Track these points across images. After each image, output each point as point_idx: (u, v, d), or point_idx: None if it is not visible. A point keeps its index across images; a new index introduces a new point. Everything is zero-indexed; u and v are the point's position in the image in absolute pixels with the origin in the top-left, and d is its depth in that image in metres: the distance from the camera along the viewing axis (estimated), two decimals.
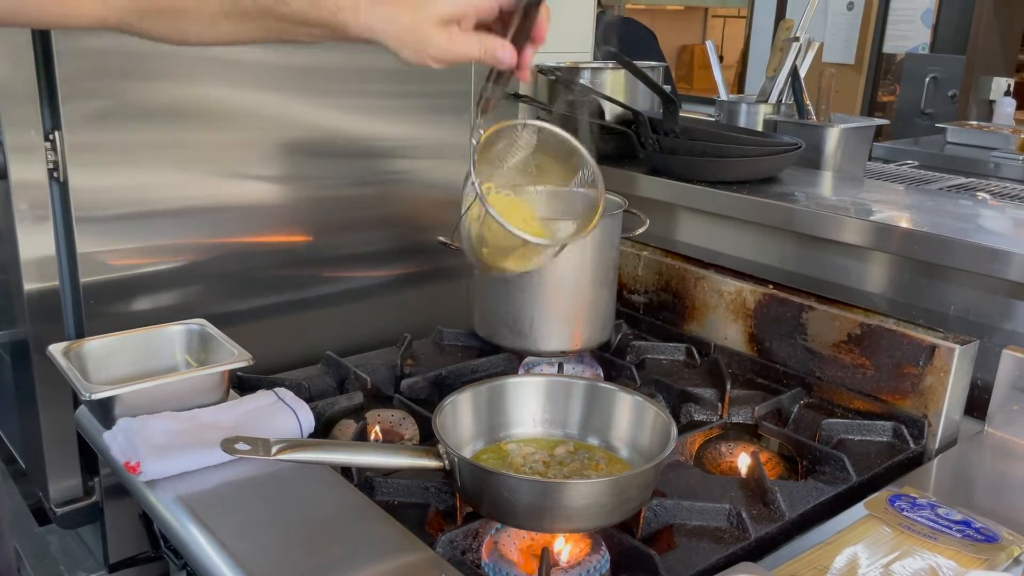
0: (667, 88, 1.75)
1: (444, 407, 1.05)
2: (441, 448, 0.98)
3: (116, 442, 1.06)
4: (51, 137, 1.25)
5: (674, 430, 1.01)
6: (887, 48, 4.80)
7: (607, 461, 1.09)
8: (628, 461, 1.08)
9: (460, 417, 1.08)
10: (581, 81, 1.85)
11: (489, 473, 0.95)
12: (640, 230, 1.45)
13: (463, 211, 1.04)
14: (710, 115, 2.16)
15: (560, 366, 1.41)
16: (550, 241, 1.00)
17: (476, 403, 1.11)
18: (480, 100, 0.94)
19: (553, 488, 0.95)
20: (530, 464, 1.08)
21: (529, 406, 1.14)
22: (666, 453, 0.98)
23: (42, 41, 1.22)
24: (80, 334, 1.32)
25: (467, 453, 1.06)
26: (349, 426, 1.24)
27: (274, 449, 0.92)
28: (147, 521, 1.17)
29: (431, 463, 0.98)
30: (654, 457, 0.99)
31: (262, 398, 1.19)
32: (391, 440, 1.24)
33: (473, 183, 0.96)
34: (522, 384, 1.15)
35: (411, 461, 0.99)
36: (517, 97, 1.76)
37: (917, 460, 1.23)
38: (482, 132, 0.98)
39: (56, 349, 1.17)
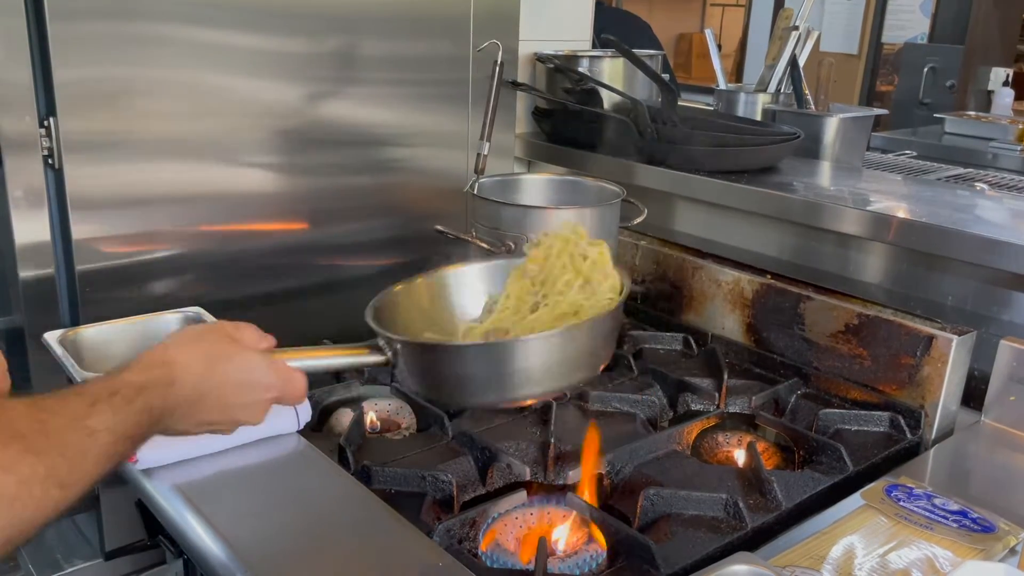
0: (665, 77, 1.75)
1: (381, 301, 0.97)
2: (381, 340, 0.89)
3: None
4: (46, 124, 1.25)
5: (627, 281, 0.96)
6: (886, 38, 4.79)
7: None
8: None
9: (400, 314, 0.99)
10: (580, 69, 1.84)
11: (437, 348, 0.88)
12: (638, 220, 1.44)
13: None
14: (708, 104, 2.16)
15: None
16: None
17: (415, 299, 1.02)
18: None
19: (504, 347, 0.88)
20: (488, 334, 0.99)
21: (475, 295, 1.05)
22: (623, 296, 0.92)
23: (37, 27, 1.21)
24: (75, 322, 1.31)
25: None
26: (346, 415, 1.24)
27: None
28: (143, 509, 1.17)
29: (373, 358, 0.90)
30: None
31: None
32: (389, 430, 1.24)
33: None
34: (461, 274, 1.06)
35: (351, 359, 0.91)
36: (516, 85, 1.75)
37: (914, 450, 1.23)
38: None
39: (52, 337, 1.16)
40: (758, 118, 1.95)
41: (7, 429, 0.62)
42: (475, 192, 1.40)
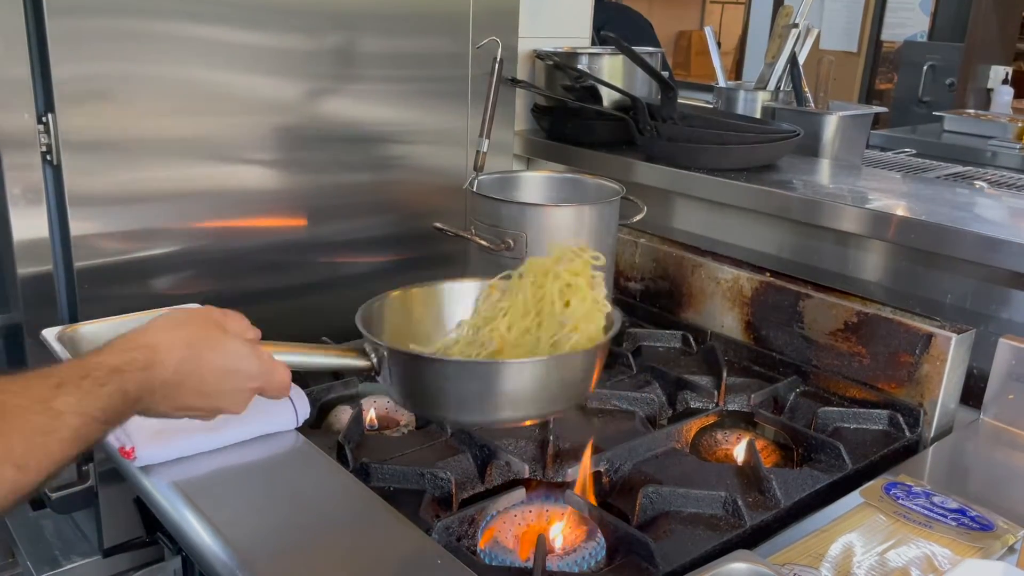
0: (664, 75, 1.75)
1: (371, 306, 0.99)
2: (367, 345, 0.91)
3: None
4: (44, 120, 1.24)
5: (619, 320, 0.98)
6: (885, 35, 4.79)
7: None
8: None
9: (388, 320, 1.01)
10: (579, 66, 1.84)
11: (420, 359, 0.89)
12: (637, 217, 1.44)
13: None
14: (708, 102, 2.16)
15: None
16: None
17: (406, 307, 1.04)
18: None
19: (487, 368, 0.89)
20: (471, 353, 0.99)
21: (466, 311, 1.06)
22: (610, 335, 0.93)
23: (36, 23, 1.21)
24: (74, 318, 1.31)
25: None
26: (345, 412, 1.24)
27: None
28: (142, 506, 1.17)
29: (357, 362, 0.91)
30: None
31: None
32: (388, 428, 1.24)
33: None
34: (456, 289, 1.08)
35: (335, 360, 0.92)
36: (515, 82, 1.75)
37: (913, 448, 1.23)
38: None
39: (50, 333, 1.16)
40: (758, 116, 1.94)
41: None
42: (474, 189, 1.40)
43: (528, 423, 1.03)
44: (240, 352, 0.82)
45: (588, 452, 1.09)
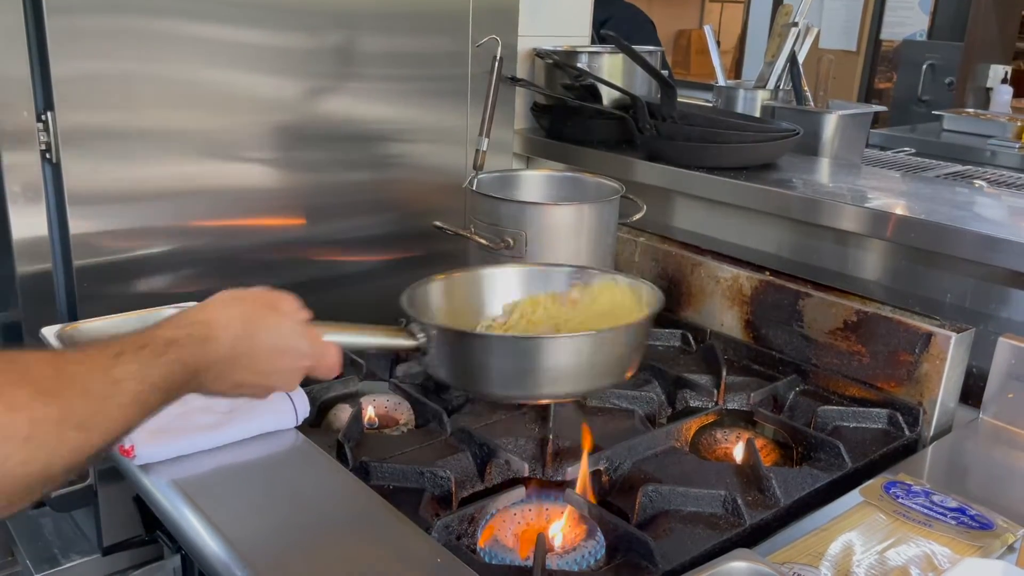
0: (664, 73, 1.75)
1: (415, 290, 1.02)
2: (416, 325, 0.93)
3: None
4: (44, 118, 1.24)
5: (660, 296, 1.01)
6: (885, 34, 4.79)
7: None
8: None
9: (431, 303, 1.04)
10: (579, 65, 1.84)
11: (472, 337, 0.92)
12: (637, 216, 1.44)
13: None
14: (707, 101, 2.15)
15: None
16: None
17: (448, 292, 1.07)
18: None
19: (537, 344, 0.92)
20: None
21: (507, 294, 1.10)
22: (654, 310, 0.97)
23: (36, 21, 1.21)
24: (73, 317, 1.31)
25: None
26: (344, 411, 1.24)
27: None
28: (141, 505, 1.17)
29: (406, 342, 0.94)
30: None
31: None
32: (387, 426, 1.23)
33: None
34: (496, 275, 1.10)
35: (384, 340, 0.94)
36: (514, 80, 1.75)
37: (912, 447, 1.23)
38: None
39: (49, 332, 1.16)
40: (757, 115, 1.94)
41: (20, 374, 0.61)
42: (474, 188, 1.40)
43: (576, 398, 1.07)
44: (292, 332, 0.85)
45: (585, 454, 1.09)
